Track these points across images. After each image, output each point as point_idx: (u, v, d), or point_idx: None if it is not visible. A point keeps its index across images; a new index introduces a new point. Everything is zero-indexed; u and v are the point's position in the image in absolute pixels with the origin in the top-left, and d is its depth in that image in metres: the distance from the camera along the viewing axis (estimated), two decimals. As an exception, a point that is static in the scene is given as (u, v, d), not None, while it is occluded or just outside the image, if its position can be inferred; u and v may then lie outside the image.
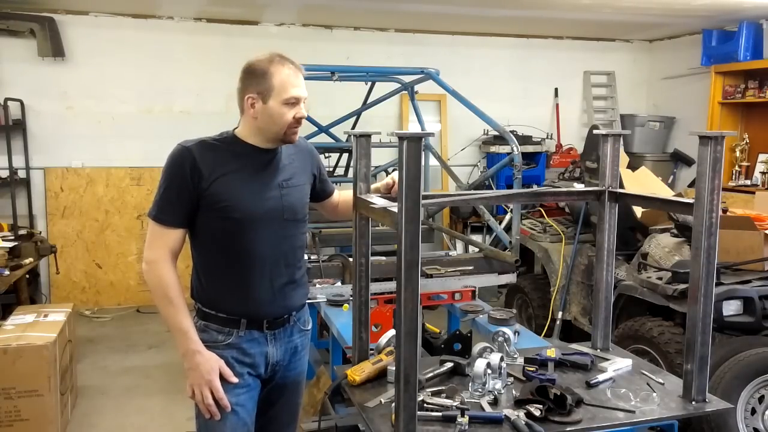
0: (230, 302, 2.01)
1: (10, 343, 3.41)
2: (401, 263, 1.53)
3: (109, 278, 6.21)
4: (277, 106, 1.94)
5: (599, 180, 2.21)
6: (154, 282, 1.96)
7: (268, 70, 1.94)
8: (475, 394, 1.86)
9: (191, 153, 1.94)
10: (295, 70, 1.97)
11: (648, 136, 7.15)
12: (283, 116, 1.95)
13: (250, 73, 1.96)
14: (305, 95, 2.00)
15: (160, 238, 1.96)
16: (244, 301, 2.01)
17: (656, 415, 1.81)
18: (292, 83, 1.95)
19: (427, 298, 3.26)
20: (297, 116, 1.97)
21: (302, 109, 1.99)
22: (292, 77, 1.95)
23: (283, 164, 2.06)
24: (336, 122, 5.28)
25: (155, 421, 3.88)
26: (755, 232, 3.50)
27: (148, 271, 1.97)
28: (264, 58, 1.96)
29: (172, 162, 1.95)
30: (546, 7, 5.68)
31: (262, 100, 1.95)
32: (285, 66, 1.95)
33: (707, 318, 1.83)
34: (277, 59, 1.96)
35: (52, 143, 5.99)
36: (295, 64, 1.99)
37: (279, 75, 1.93)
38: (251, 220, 1.97)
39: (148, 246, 1.98)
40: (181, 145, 1.97)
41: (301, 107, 1.99)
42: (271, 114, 1.95)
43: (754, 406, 3.11)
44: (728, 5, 5.45)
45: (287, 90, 1.94)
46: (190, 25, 6.27)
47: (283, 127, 1.97)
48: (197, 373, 1.95)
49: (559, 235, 4.85)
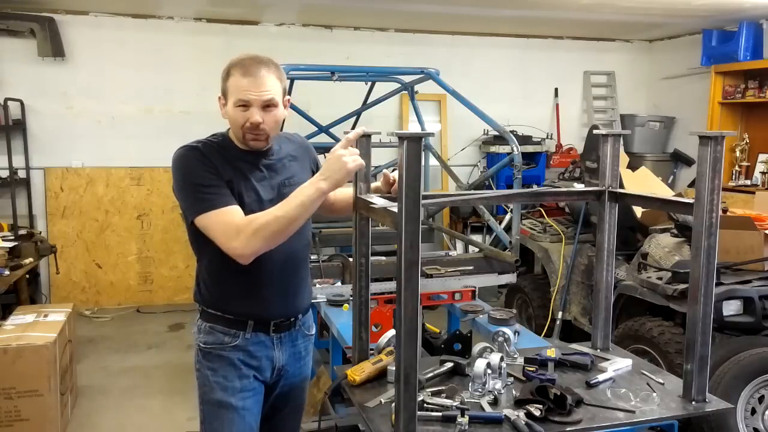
0: (237, 303, 2.00)
1: (10, 343, 3.41)
2: (401, 263, 1.52)
3: (109, 278, 6.21)
4: (231, 108, 1.91)
5: (599, 180, 2.20)
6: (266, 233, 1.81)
7: (229, 71, 1.91)
8: (475, 394, 1.86)
9: (200, 150, 1.93)
10: (256, 72, 1.87)
11: (648, 136, 7.15)
12: (236, 120, 1.91)
13: (222, 73, 1.95)
14: (262, 99, 1.88)
15: (224, 217, 1.84)
16: (251, 301, 2.00)
17: (656, 415, 1.80)
18: (242, 86, 1.87)
19: (427, 298, 3.26)
20: (249, 120, 1.89)
21: (255, 114, 1.88)
22: (245, 80, 1.87)
23: (283, 163, 2.06)
24: (336, 122, 5.28)
25: (155, 421, 3.88)
26: (755, 232, 3.50)
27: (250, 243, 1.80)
28: (234, 59, 1.93)
29: (188, 159, 1.92)
30: (546, 7, 5.68)
31: (225, 101, 1.94)
32: (243, 68, 1.88)
33: (707, 318, 1.83)
34: (241, 62, 1.90)
35: (52, 143, 6.00)
36: (265, 65, 1.90)
37: (234, 77, 1.89)
38: None
39: (226, 239, 1.83)
40: (188, 145, 1.95)
41: (254, 112, 1.88)
42: (229, 116, 1.94)
43: (754, 406, 3.11)
44: (728, 5, 5.44)
45: (236, 93, 1.88)
46: (190, 25, 6.28)
47: (238, 130, 1.93)
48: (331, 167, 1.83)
49: (559, 235, 4.85)
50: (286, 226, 1.82)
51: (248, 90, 1.88)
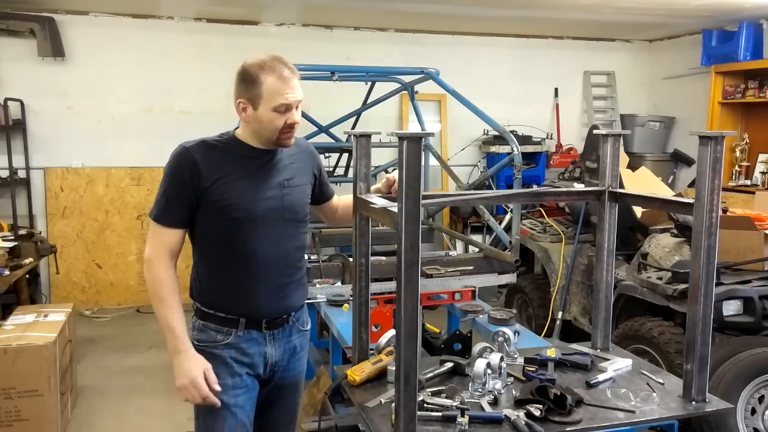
0: (229, 302, 2.01)
1: (10, 343, 3.41)
2: (401, 263, 1.53)
3: (109, 278, 6.21)
4: (266, 112, 1.92)
5: (599, 180, 2.21)
6: (149, 280, 1.98)
7: (258, 76, 1.90)
8: (475, 394, 1.86)
9: (192, 154, 1.94)
10: (288, 75, 1.92)
11: (648, 136, 7.15)
12: (273, 122, 1.93)
13: (242, 78, 1.94)
14: (298, 99, 1.95)
15: (159, 238, 1.97)
16: (243, 300, 2.01)
17: (656, 415, 1.81)
18: (280, 90, 1.90)
19: (427, 298, 3.26)
20: (289, 122, 1.94)
21: (294, 115, 1.95)
22: (281, 84, 1.90)
23: (284, 164, 2.06)
24: (336, 122, 5.28)
25: (155, 421, 3.88)
26: (755, 232, 3.50)
27: (146, 270, 1.99)
28: (255, 63, 1.92)
29: (173, 163, 1.96)
30: (546, 7, 5.68)
31: (252, 106, 1.94)
32: (275, 72, 1.90)
33: (707, 318, 1.83)
34: (268, 65, 1.91)
35: (52, 143, 5.99)
36: (289, 66, 1.94)
37: (268, 82, 1.90)
38: (252, 219, 1.96)
39: (148, 245, 1.99)
40: (182, 145, 1.97)
41: (293, 113, 1.94)
42: (261, 120, 1.94)
43: (754, 406, 3.11)
44: (728, 5, 5.45)
45: (276, 98, 1.90)
46: (190, 25, 6.27)
47: (274, 132, 1.95)
48: (181, 372, 1.95)
49: (559, 235, 4.85)
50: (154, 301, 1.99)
51: (287, 93, 1.92)
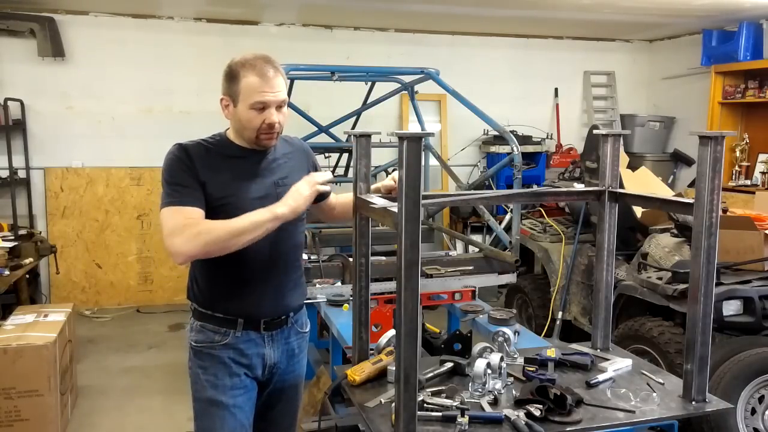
0: (227, 302, 2.01)
1: (10, 343, 3.41)
2: (401, 263, 1.52)
3: (109, 278, 6.20)
4: (244, 110, 1.90)
5: (599, 180, 2.20)
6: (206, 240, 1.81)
7: (238, 73, 1.89)
8: (475, 394, 1.86)
9: (187, 150, 1.94)
10: (271, 74, 1.89)
11: (648, 136, 7.15)
12: (251, 121, 1.91)
13: (225, 74, 1.94)
14: (279, 99, 1.91)
15: (180, 214, 1.85)
16: (240, 300, 2.00)
17: (656, 415, 1.80)
18: (258, 88, 1.87)
19: (427, 298, 3.26)
20: (267, 122, 1.91)
21: (273, 115, 1.91)
22: (260, 81, 1.87)
23: (278, 163, 2.05)
24: (336, 122, 5.28)
25: (155, 421, 3.88)
26: (755, 232, 3.50)
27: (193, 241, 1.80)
28: (239, 60, 1.92)
29: (171, 158, 1.94)
30: (546, 7, 5.68)
31: (233, 103, 1.93)
32: (255, 69, 1.88)
33: (707, 318, 1.83)
34: (251, 62, 1.89)
35: (52, 143, 6.00)
36: (274, 66, 1.91)
37: (247, 79, 1.88)
38: None
39: (170, 234, 1.83)
40: (177, 144, 1.97)
41: (272, 112, 1.91)
42: (240, 118, 1.93)
43: (754, 406, 3.12)
44: (728, 5, 5.44)
45: (253, 95, 1.88)
46: (190, 25, 6.28)
47: (253, 131, 1.93)
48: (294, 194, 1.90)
49: (559, 235, 4.85)
50: (230, 237, 1.82)
51: (265, 91, 1.89)
